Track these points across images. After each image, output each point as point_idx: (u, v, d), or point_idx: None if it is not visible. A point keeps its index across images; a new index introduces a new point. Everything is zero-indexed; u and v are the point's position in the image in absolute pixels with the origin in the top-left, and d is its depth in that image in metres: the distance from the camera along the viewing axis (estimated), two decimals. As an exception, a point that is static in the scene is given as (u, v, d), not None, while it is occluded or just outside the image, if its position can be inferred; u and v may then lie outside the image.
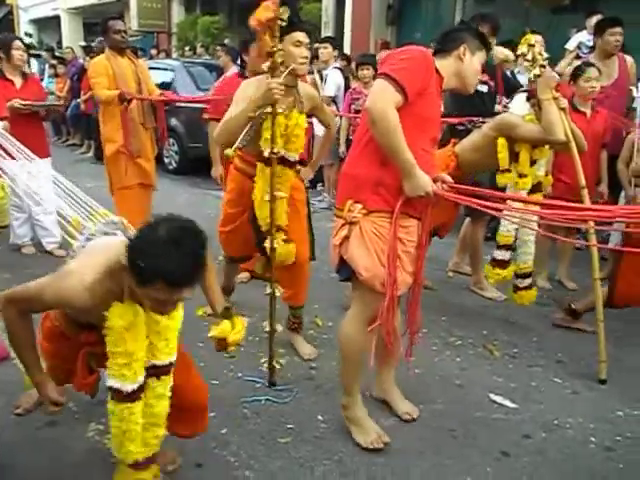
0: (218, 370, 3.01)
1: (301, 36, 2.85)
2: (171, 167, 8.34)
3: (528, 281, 3.65)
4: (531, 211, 2.92)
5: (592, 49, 5.43)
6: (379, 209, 2.30)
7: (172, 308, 1.79)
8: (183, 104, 7.23)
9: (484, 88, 3.86)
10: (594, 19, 5.79)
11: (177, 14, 15.14)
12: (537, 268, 4.41)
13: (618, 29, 4.66)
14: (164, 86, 7.81)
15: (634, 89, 4.58)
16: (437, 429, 2.63)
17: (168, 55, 12.59)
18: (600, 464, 2.43)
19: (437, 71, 2.33)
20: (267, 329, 2.88)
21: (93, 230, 2.17)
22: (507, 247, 3.60)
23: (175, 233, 1.62)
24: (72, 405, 2.60)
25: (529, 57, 3.27)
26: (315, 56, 7.32)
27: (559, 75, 5.52)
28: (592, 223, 2.82)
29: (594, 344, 3.11)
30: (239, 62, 5.73)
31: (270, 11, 2.42)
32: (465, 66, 2.39)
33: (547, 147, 3.50)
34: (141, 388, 1.88)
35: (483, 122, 3.66)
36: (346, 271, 2.41)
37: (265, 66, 2.54)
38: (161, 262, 1.57)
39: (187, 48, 12.02)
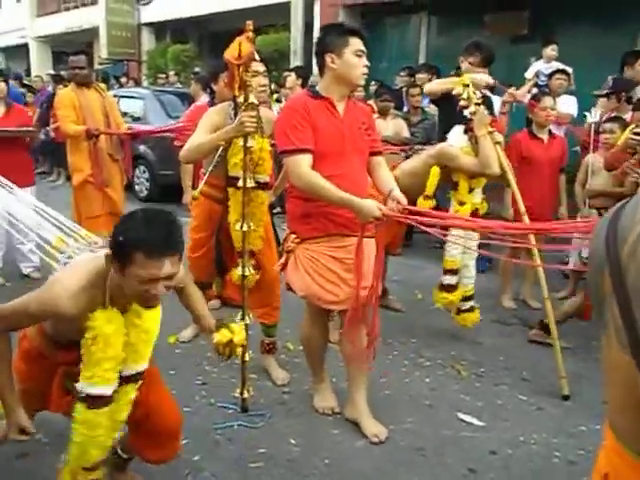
0: (190, 397, 3.02)
1: (258, 66, 3.00)
2: (142, 194, 8.34)
3: (470, 303, 3.76)
4: (485, 228, 2.98)
5: (549, 77, 5.68)
6: (309, 237, 2.63)
7: (158, 295, 1.78)
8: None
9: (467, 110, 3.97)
10: (549, 48, 6.09)
11: (147, 42, 15.21)
12: (502, 288, 4.57)
13: None
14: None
15: (588, 115, 4.80)
16: (407, 448, 2.68)
17: (137, 83, 12.63)
18: (563, 478, 2.52)
19: (319, 97, 2.58)
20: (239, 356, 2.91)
21: (74, 250, 2.21)
22: (453, 272, 3.69)
23: (149, 213, 1.77)
24: (42, 436, 2.59)
25: (465, 96, 3.44)
26: (283, 84, 7.50)
27: (520, 102, 5.77)
28: (534, 242, 3.10)
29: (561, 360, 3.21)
30: (209, 91, 5.83)
31: (249, 46, 2.52)
32: (338, 70, 2.55)
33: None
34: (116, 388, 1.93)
35: (422, 149, 3.81)
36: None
37: (239, 101, 2.63)
38: (137, 233, 1.69)
39: (163, 75, 12.07)
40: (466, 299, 3.73)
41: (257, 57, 2.73)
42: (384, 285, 4.01)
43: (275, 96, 7.57)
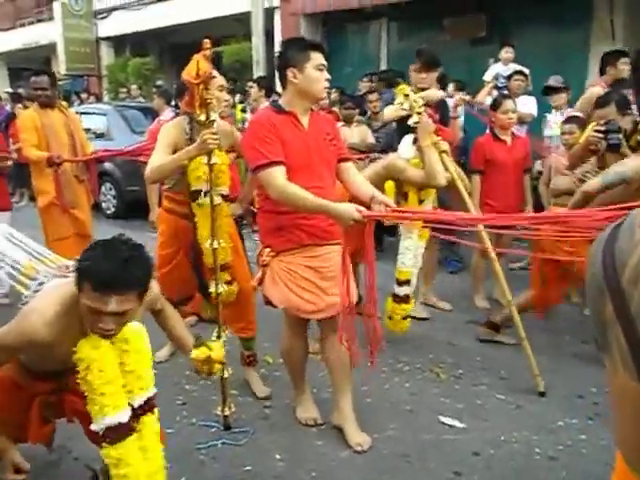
0: (171, 418, 2.99)
1: (222, 81, 3.02)
2: (109, 212, 8.23)
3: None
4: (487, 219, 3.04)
5: (508, 79, 5.81)
6: (284, 249, 2.65)
7: (111, 329, 1.75)
8: (118, 147, 7.24)
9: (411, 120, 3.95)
10: (504, 51, 6.27)
11: (107, 56, 15.04)
12: (475, 289, 4.64)
13: (627, 59, 5.02)
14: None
15: (548, 115, 4.92)
16: (391, 456, 2.71)
17: (98, 98, 12.47)
18: (545, 474, 2.57)
19: (283, 112, 2.60)
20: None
21: (44, 276, 2.18)
22: (407, 282, 3.66)
23: (111, 244, 1.76)
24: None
25: (406, 106, 3.42)
26: (249, 94, 7.50)
27: (480, 104, 5.90)
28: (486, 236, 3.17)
29: (534, 359, 3.26)
30: (174, 107, 5.79)
31: (206, 64, 2.51)
32: (300, 84, 2.58)
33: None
34: (132, 419, 1.89)
35: (379, 157, 3.84)
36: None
37: (200, 119, 2.63)
38: (90, 262, 1.68)
39: (125, 90, 11.93)
40: None
41: (216, 73, 2.73)
42: (359, 292, 4.03)
43: (240, 106, 7.57)
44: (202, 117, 2.62)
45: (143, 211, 4.85)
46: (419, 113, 3.39)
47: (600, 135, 3.31)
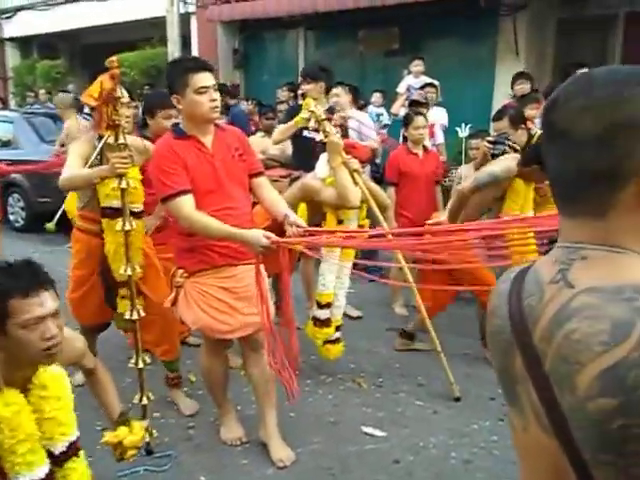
0: (90, 445, 2.86)
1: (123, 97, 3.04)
2: (18, 224, 7.81)
3: (337, 335, 3.62)
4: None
5: (421, 89, 6.05)
6: (197, 270, 2.65)
7: (57, 334, 1.72)
8: (27, 156, 6.93)
9: (319, 137, 3.68)
10: (413, 65, 6.53)
11: (11, 58, 14.25)
12: (393, 296, 4.80)
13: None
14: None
15: (459, 130, 5.17)
16: (316, 469, 2.76)
17: (4, 102, 11.80)
18: (461, 477, 2.71)
19: (184, 137, 2.60)
20: (136, 400, 2.84)
21: None
22: (328, 305, 3.57)
23: (4, 264, 1.75)
24: None
25: (312, 123, 3.37)
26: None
27: (395, 115, 6.11)
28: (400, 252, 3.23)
29: (449, 364, 3.42)
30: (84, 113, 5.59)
31: (111, 84, 2.46)
32: (185, 110, 2.59)
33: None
34: (52, 472, 1.83)
35: (300, 176, 3.82)
36: None
37: (110, 140, 2.58)
38: (3, 281, 1.67)
39: (32, 94, 11.33)
40: (335, 329, 3.60)
41: (123, 93, 2.69)
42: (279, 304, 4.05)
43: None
44: (111, 140, 2.57)
45: (56, 223, 4.67)
46: (326, 130, 3.31)
47: (490, 145, 3.55)
